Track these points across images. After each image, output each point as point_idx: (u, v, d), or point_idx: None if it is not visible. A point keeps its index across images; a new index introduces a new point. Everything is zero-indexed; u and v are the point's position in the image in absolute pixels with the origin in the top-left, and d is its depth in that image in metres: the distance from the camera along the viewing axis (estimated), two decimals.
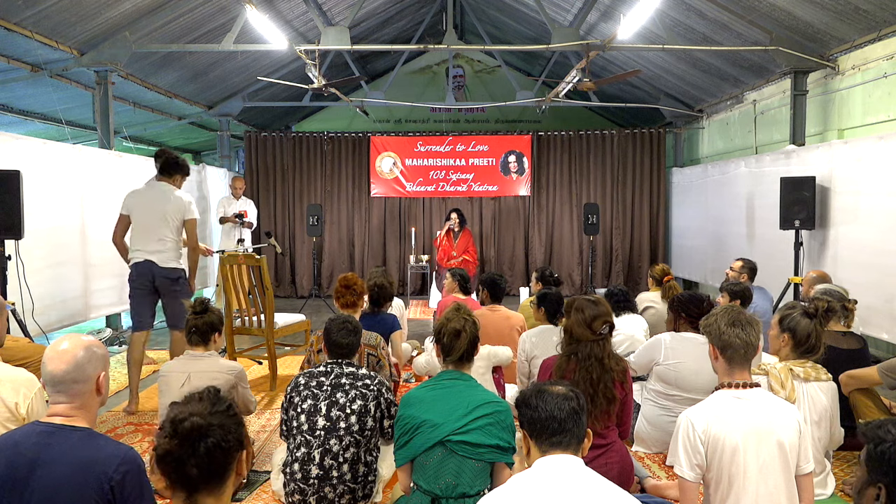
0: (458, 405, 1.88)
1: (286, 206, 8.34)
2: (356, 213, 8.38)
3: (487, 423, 1.85)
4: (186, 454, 1.15)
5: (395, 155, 8.32)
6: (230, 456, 1.20)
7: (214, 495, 1.19)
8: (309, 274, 8.11)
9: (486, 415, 1.86)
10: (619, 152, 8.26)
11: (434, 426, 1.87)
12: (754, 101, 6.48)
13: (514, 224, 8.40)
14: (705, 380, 2.62)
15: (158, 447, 1.17)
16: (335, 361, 2.31)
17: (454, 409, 1.88)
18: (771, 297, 4.10)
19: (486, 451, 1.84)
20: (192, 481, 1.16)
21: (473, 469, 1.84)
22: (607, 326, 2.19)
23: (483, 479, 1.86)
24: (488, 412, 1.87)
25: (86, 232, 4.90)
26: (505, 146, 8.33)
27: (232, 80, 6.98)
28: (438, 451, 1.86)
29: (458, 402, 1.89)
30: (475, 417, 1.85)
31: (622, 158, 8.27)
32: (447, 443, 1.85)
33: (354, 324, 2.40)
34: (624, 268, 8.29)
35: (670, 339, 2.81)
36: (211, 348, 2.67)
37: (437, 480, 1.84)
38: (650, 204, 8.27)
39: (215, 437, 1.17)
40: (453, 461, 1.84)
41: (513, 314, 3.66)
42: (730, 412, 1.78)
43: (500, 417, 1.87)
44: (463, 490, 1.83)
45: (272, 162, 8.31)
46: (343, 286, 3.16)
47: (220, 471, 1.19)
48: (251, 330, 4.19)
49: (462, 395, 1.91)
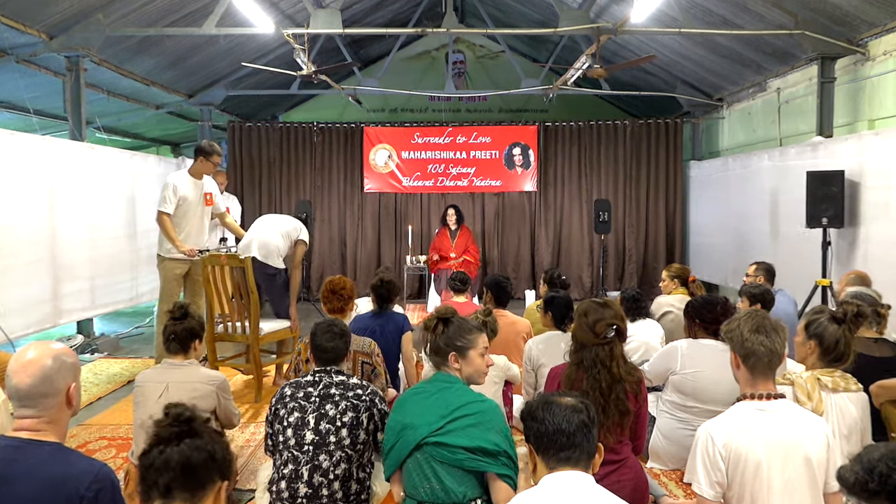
0: (439, 406, 1.90)
1: (272, 203, 8.34)
2: (348, 209, 8.38)
3: (469, 424, 1.84)
4: (172, 439, 1.23)
5: (390, 147, 8.32)
6: (211, 472, 1.22)
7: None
8: None
9: (467, 415, 1.85)
10: (632, 144, 8.27)
11: (413, 429, 1.89)
12: (778, 89, 6.48)
13: (519, 222, 8.41)
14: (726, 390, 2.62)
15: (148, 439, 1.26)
16: (324, 370, 2.31)
17: (434, 410, 1.89)
18: (795, 301, 4.10)
19: (466, 456, 1.81)
20: (169, 473, 1.20)
21: (454, 475, 1.82)
22: (613, 330, 2.19)
23: (471, 487, 1.83)
24: (470, 412, 1.86)
25: (56, 230, 4.89)
26: (509, 138, 8.33)
27: (214, 66, 6.98)
28: (418, 456, 1.86)
29: (439, 403, 1.91)
30: (454, 418, 1.86)
31: (636, 151, 8.28)
32: (424, 446, 1.85)
33: (341, 327, 2.40)
34: (638, 269, 8.29)
35: (687, 346, 2.81)
36: (191, 357, 2.67)
37: (418, 487, 1.85)
38: (666, 200, 8.27)
39: (204, 440, 1.24)
40: (429, 466, 1.84)
41: (518, 319, 3.66)
42: (752, 425, 1.78)
43: (484, 417, 1.85)
44: (447, 497, 1.82)
45: (257, 155, 8.30)
46: (329, 290, 3.16)
47: (200, 478, 1.22)
48: (234, 336, 4.19)
49: (444, 397, 1.93)
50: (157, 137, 9.15)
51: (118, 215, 5.79)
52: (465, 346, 2.05)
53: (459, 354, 2.03)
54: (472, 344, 2.05)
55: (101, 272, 5.44)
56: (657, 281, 8.08)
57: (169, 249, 4.44)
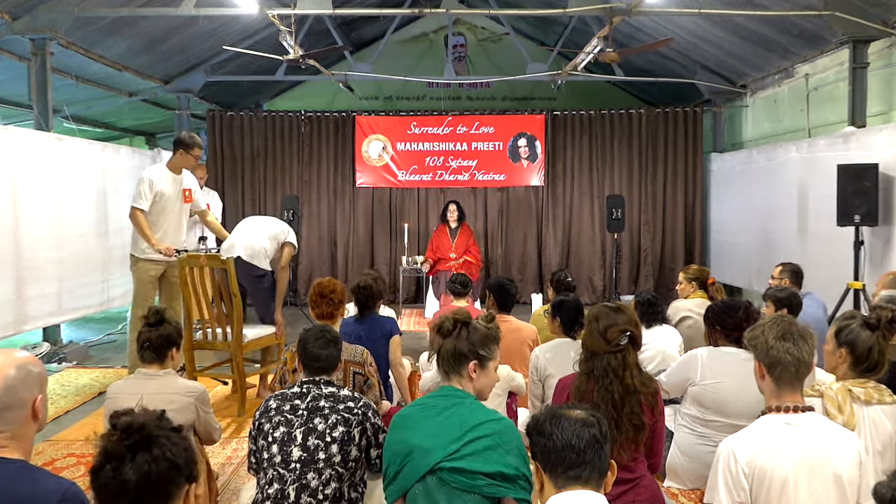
0: (452, 426, 1.86)
1: (256, 199, 8.35)
2: (339, 206, 8.38)
3: (486, 446, 1.81)
4: (125, 455, 1.18)
5: (384, 138, 8.33)
6: (176, 480, 1.22)
7: None
8: None
9: (484, 436, 1.82)
10: (648, 135, 8.28)
11: (424, 452, 1.83)
12: (806, 75, 6.49)
13: (525, 219, 8.41)
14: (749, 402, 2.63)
15: (96, 456, 1.21)
16: (312, 380, 2.31)
17: (447, 431, 1.85)
18: (825, 305, 4.11)
19: (486, 482, 1.79)
20: (129, 496, 1.18)
21: (467, 502, 1.79)
22: (626, 337, 2.19)
23: None
24: (487, 433, 1.83)
25: (19, 228, 4.89)
26: (514, 128, 8.33)
27: (192, 50, 6.98)
28: (430, 481, 1.82)
29: (452, 423, 1.86)
30: (471, 440, 1.82)
31: (652, 142, 8.29)
32: (438, 471, 1.81)
33: (334, 334, 2.40)
34: (654, 271, 8.30)
35: (707, 354, 2.81)
36: (167, 366, 2.67)
37: None
38: (685, 195, 8.29)
39: (162, 447, 1.20)
40: (445, 494, 1.80)
41: (524, 326, 3.66)
42: (778, 440, 1.78)
43: (502, 439, 1.83)
44: None
45: (240, 146, 8.31)
46: (318, 294, 3.17)
47: (165, 492, 1.21)
48: (215, 344, 4.19)
49: (457, 415, 1.89)
50: (131, 127, 9.15)
51: (88, 212, 5.79)
52: (488, 356, 2.02)
53: (480, 364, 2.00)
54: (494, 355, 2.04)
55: (69, 274, 5.44)
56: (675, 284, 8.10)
57: (143, 249, 4.45)
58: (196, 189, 4.80)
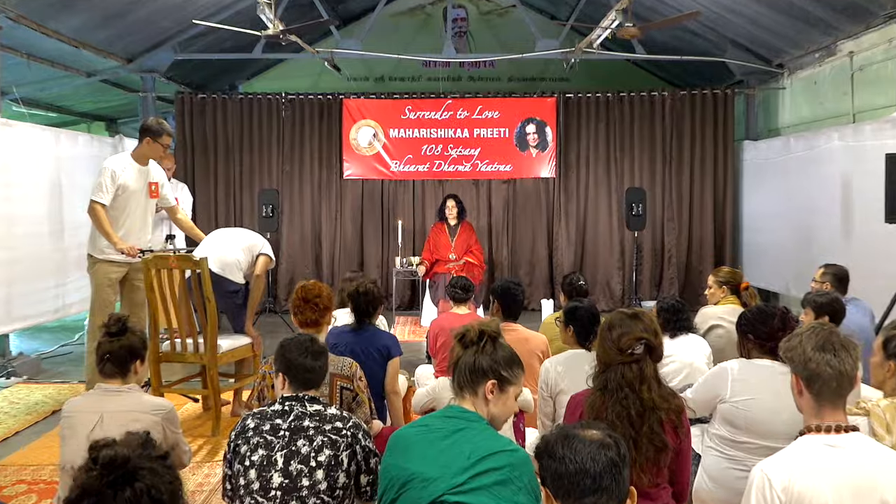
0: (458, 453, 1.84)
1: (230, 192, 8.36)
2: (324, 200, 8.39)
3: (497, 480, 1.79)
4: (104, 493, 1.17)
5: (375, 124, 8.34)
6: None
7: None
8: None
9: (495, 468, 1.81)
10: (672, 121, 8.29)
11: (425, 481, 1.82)
12: (851, 53, 6.50)
13: (535, 215, 8.43)
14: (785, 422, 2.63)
15: (72, 489, 1.20)
16: (295, 397, 2.31)
17: (452, 459, 1.83)
18: (872, 312, 4.11)
19: None
20: None
21: None
22: (641, 345, 2.19)
23: None
24: (499, 465, 1.81)
25: None
26: (521, 112, 8.35)
27: (159, 24, 6.98)
28: None
29: (458, 450, 1.85)
30: (480, 472, 1.80)
31: (677, 129, 8.30)
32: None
33: (320, 344, 2.41)
34: (679, 273, 8.32)
35: (739, 367, 2.82)
36: (130, 381, 2.67)
37: None
38: (714, 189, 8.30)
39: (145, 481, 1.19)
40: None
41: (533, 335, 3.67)
42: (819, 464, 1.79)
43: (515, 473, 1.81)
44: None
45: (212, 133, 8.32)
46: (302, 299, 3.16)
47: None
48: (185, 356, 4.20)
49: (466, 440, 1.87)
50: (89, 112, 9.14)
51: (40, 207, 5.79)
52: (510, 379, 1.99)
53: (500, 386, 1.97)
54: (516, 380, 2.02)
55: (18, 278, 5.44)
56: (703, 288, 8.11)
57: (103, 249, 4.45)
58: (164, 182, 4.81)
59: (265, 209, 7.26)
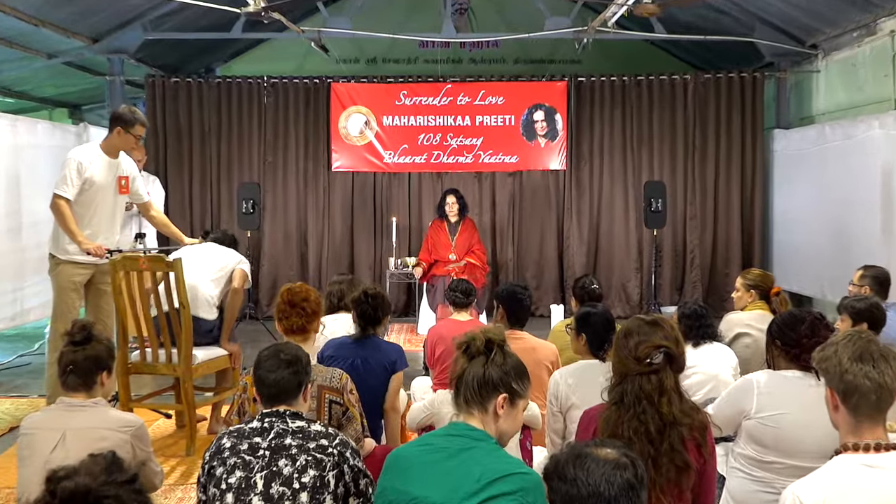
0: (465, 476, 1.83)
1: (206, 187, 8.36)
2: (310, 195, 8.40)
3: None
4: None
5: (367, 111, 8.34)
6: None
7: None
8: None
9: (506, 494, 1.80)
10: (696, 107, 8.30)
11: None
12: (892, 32, 6.50)
13: (543, 212, 8.43)
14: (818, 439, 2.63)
15: None
16: (275, 413, 2.31)
17: (459, 482, 1.83)
18: None
19: None
20: None
21: None
22: (660, 354, 2.20)
23: None
24: (511, 489, 1.80)
25: None
26: (529, 98, 8.35)
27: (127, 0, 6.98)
28: None
29: (465, 472, 1.84)
30: (491, 496, 1.79)
31: (700, 116, 8.31)
32: None
33: (293, 351, 2.40)
34: (703, 276, 8.32)
35: (766, 380, 2.82)
36: (96, 394, 2.67)
37: None
38: (742, 182, 8.31)
39: None
40: None
41: (541, 344, 3.68)
42: (856, 485, 1.79)
43: (528, 498, 1.80)
44: None
45: (186, 121, 8.32)
46: (287, 303, 3.16)
47: None
48: (156, 367, 4.20)
49: (473, 461, 1.87)
50: (51, 97, 9.14)
51: None
52: (521, 392, 2.00)
53: (510, 400, 1.98)
54: (525, 393, 2.03)
55: None
56: (728, 292, 8.11)
57: (67, 249, 4.45)
58: (136, 176, 4.79)
59: (245, 205, 7.27)
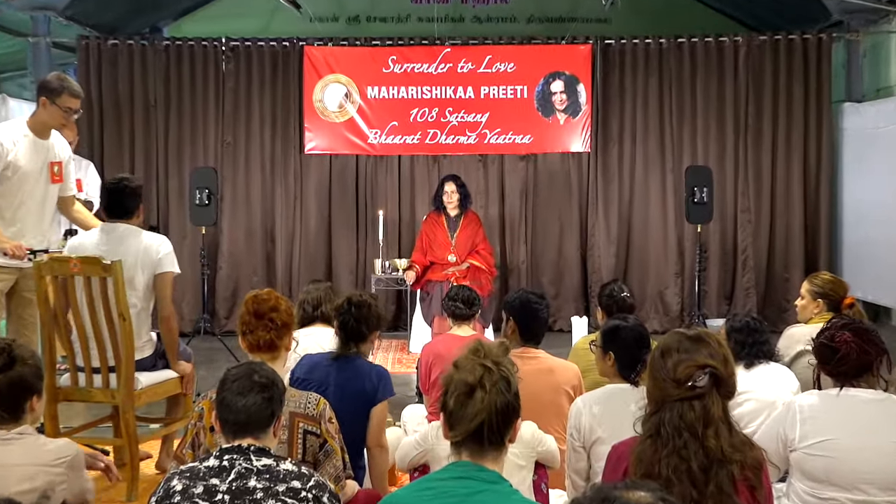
0: None
1: (152, 172, 8.35)
2: (278, 183, 8.40)
3: None
4: None
5: (348, 80, 8.33)
6: None
7: None
8: (194, 294, 8.14)
9: None
10: (748, 76, 8.30)
11: None
12: None
13: (562, 203, 8.44)
14: (880, 467, 2.65)
15: None
16: (236, 448, 2.32)
17: None
18: None
19: None
20: None
21: None
22: (704, 375, 2.21)
23: None
24: None
25: None
26: (545, 64, 8.35)
27: None
28: None
29: None
30: None
31: (754, 87, 8.31)
32: None
33: (268, 374, 2.40)
34: (758, 282, 8.32)
35: (811, 402, 2.83)
36: (24, 422, 2.68)
37: None
38: (804, 168, 8.31)
39: None
40: None
41: (560, 365, 3.68)
42: None
43: None
44: None
45: (127, 92, 8.31)
46: (253, 314, 3.16)
47: None
48: (90, 393, 4.19)
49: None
50: None
51: None
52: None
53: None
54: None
55: None
56: (789, 300, 8.11)
57: None
58: (69, 162, 4.77)
59: (199, 195, 7.25)
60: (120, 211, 4.28)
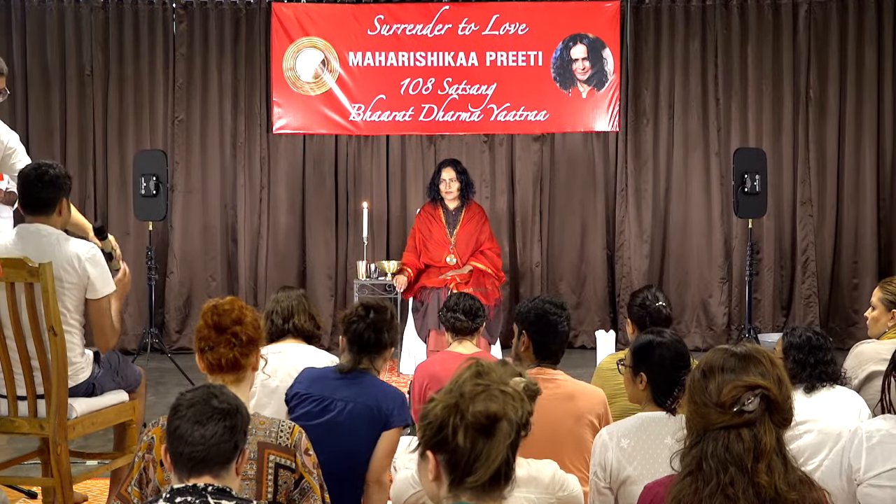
0: None
1: (88, 155, 8.37)
2: (241, 169, 8.42)
3: None
4: None
5: (325, 44, 8.35)
6: None
7: None
8: (139, 303, 8.15)
9: None
10: (810, 40, 8.31)
11: None
12: None
13: (585, 194, 8.47)
14: None
15: None
16: (191, 488, 2.33)
17: None
18: None
19: None
20: None
21: None
22: (755, 398, 2.22)
23: None
24: None
25: None
26: (564, 26, 8.37)
27: None
28: None
29: None
30: None
31: (817, 54, 8.32)
32: None
33: (230, 400, 2.41)
34: (822, 289, 8.34)
35: (880, 427, 2.86)
36: None
37: None
38: (878, 151, 8.34)
39: None
40: None
41: (583, 389, 3.69)
42: None
43: None
44: None
45: (58, 59, 8.32)
46: (212, 326, 3.16)
47: None
48: (14, 424, 4.21)
49: None
50: None
51: None
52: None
53: None
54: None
55: None
56: (859, 312, 8.08)
57: None
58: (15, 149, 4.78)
59: (145, 183, 7.24)
60: (35, 205, 4.21)
